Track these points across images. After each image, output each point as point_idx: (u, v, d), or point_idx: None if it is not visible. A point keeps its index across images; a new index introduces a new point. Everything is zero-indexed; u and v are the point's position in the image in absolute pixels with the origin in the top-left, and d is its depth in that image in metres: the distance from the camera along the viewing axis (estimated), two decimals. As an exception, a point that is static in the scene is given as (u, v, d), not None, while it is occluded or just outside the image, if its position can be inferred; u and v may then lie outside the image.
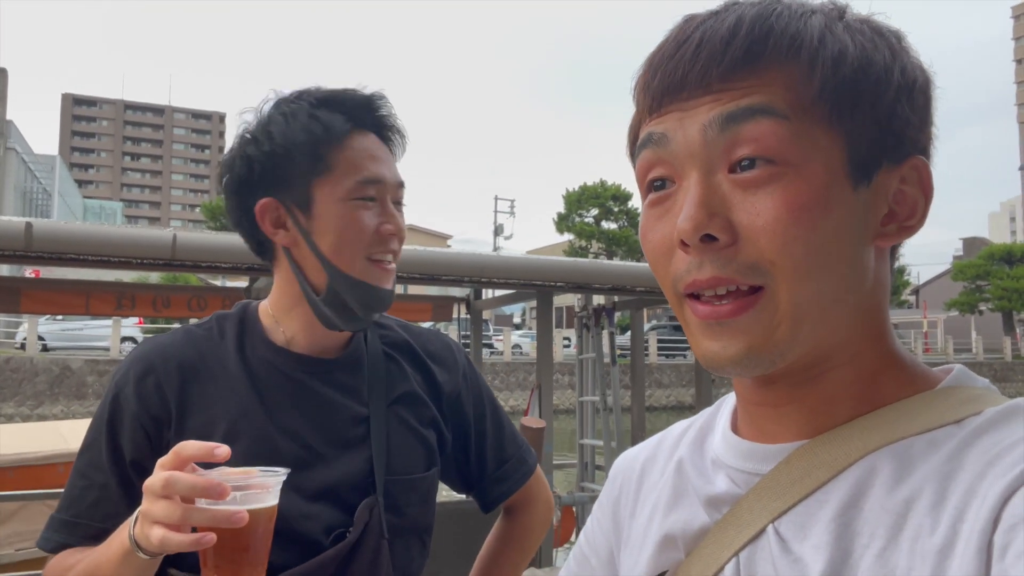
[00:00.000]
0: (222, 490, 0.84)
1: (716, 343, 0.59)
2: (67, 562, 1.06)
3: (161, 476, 0.86)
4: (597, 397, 5.79)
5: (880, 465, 0.57)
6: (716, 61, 0.57)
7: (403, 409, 1.23)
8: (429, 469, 1.24)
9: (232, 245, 3.60)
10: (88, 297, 4.52)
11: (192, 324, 1.22)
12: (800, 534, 0.58)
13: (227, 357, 1.16)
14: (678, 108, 0.59)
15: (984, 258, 38.76)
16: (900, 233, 0.60)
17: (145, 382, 1.12)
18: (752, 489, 0.63)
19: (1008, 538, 0.47)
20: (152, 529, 0.85)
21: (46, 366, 19.24)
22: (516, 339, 28.09)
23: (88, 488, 1.11)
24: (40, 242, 3.11)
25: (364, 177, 1.13)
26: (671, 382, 25.89)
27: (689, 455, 0.72)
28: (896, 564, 0.52)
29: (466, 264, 4.16)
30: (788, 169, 0.56)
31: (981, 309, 38.07)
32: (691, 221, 0.57)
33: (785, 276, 0.56)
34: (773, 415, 0.64)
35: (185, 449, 0.87)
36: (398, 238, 1.17)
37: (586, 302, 5.75)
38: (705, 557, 0.64)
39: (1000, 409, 0.56)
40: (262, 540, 0.90)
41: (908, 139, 0.59)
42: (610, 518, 0.81)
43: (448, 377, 1.30)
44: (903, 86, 0.58)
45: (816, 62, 0.57)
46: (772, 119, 0.56)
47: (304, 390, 1.16)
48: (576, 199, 37.90)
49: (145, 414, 1.10)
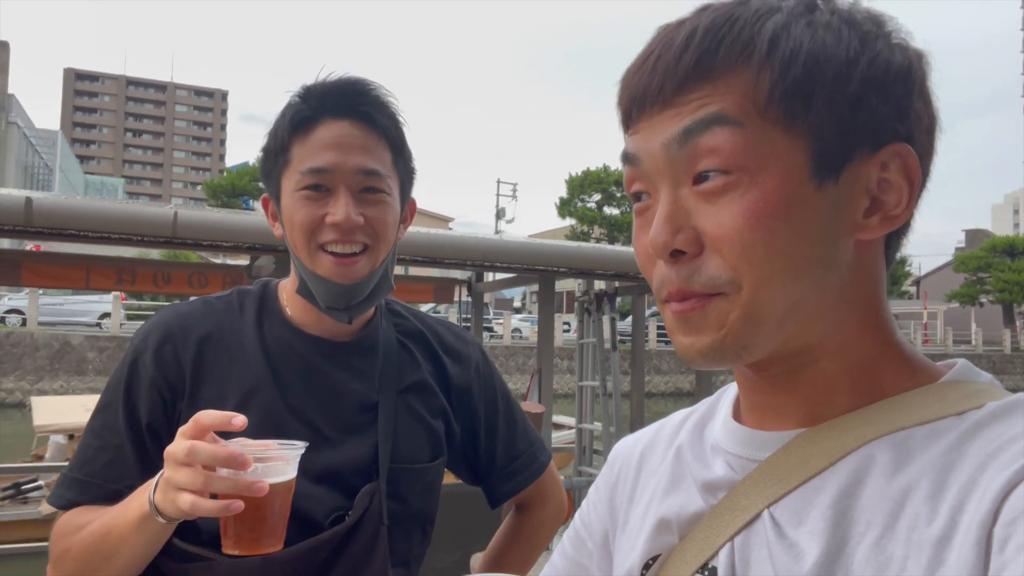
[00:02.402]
0: (244, 460, 0.86)
1: (687, 338, 0.61)
2: (77, 520, 1.07)
3: (184, 444, 0.87)
4: (597, 382, 5.80)
5: (879, 454, 0.57)
6: (671, 75, 0.58)
7: (412, 398, 1.23)
8: (434, 459, 1.24)
9: (233, 223, 3.60)
10: (88, 271, 4.53)
11: (212, 296, 1.22)
12: (796, 520, 0.58)
13: (244, 332, 1.17)
14: (645, 123, 0.61)
15: (986, 250, 38.70)
16: (884, 224, 0.60)
17: (163, 349, 1.13)
18: (749, 475, 0.63)
19: (1008, 531, 0.47)
20: (179, 495, 0.87)
21: (46, 341, 19.29)
22: (516, 323, 28.10)
23: (102, 449, 1.12)
24: (40, 217, 3.10)
25: (309, 167, 1.11)
26: (670, 368, 25.94)
27: (689, 441, 0.72)
28: (892, 552, 0.52)
29: (469, 247, 4.15)
30: (744, 177, 0.56)
31: (982, 301, 38.05)
32: (659, 238, 0.59)
33: (747, 282, 0.57)
34: (772, 404, 0.64)
35: (204, 418, 0.89)
36: (344, 228, 1.10)
37: (587, 287, 5.75)
38: (699, 541, 0.64)
39: (1002, 403, 0.56)
40: (281, 512, 0.92)
41: (883, 129, 0.58)
42: (606, 503, 0.81)
43: (460, 370, 1.30)
44: (871, 77, 0.57)
45: (764, 66, 0.56)
46: (726, 127, 0.56)
47: (316, 371, 1.17)
48: (579, 184, 37.77)
49: (162, 380, 1.11)
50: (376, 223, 1.13)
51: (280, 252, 3.78)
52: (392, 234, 1.17)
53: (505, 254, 4.25)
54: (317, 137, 1.13)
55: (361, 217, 1.11)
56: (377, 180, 1.13)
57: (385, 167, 1.15)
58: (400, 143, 1.18)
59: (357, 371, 1.19)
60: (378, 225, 1.13)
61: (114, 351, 19.62)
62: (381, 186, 1.14)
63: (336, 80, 1.15)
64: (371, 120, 1.14)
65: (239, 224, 3.60)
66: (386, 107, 1.17)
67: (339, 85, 1.15)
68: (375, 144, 1.14)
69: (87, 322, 21.75)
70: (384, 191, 1.14)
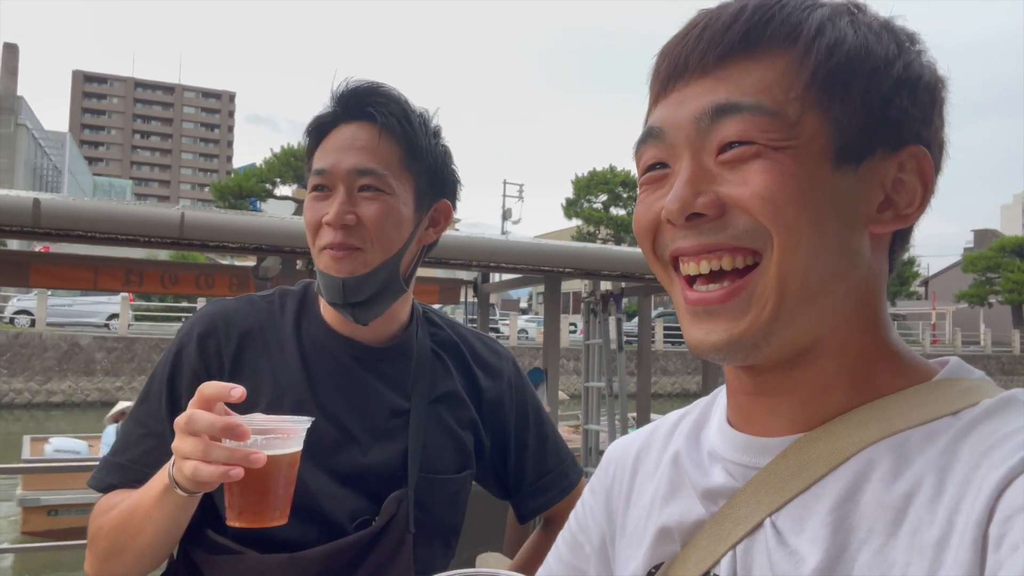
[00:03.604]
0: (242, 431, 0.88)
1: (701, 330, 0.61)
2: (113, 501, 1.10)
3: (185, 414, 0.90)
4: (603, 383, 5.79)
5: (877, 458, 0.57)
6: (715, 44, 0.60)
7: (443, 408, 1.23)
8: (461, 471, 1.24)
9: (240, 224, 3.60)
10: (97, 272, 4.54)
11: (258, 295, 1.26)
12: (797, 527, 0.58)
13: (284, 331, 1.20)
14: (678, 92, 0.62)
15: (995, 250, 38.49)
16: (896, 221, 0.61)
17: (207, 342, 1.17)
18: (749, 482, 0.63)
19: (1003, 529, 0.48)
20: (184, 463, 0.90)
21: (55, 342, 19.36)
22: (522, 324, 28.09)
23: (145, 436, 1.15)
24: (48, 218, 3.11)
25: (314, 169, 1.15)
26: (676, 369, 25.87)
27: (685, 448, 0.72)
28: (895, 559, 0.52)
29: (476, 247, 4.15)
30: (769, 150, 0.58)
31: (991, 301, 37.84)
32: (678, 201, 0.59)
33: (779, 241, 0.57)
34: (765, 406, 0.64)
35: (206, 389, 0.91)
36: (335, 226, 1.11)
37: (594, 288, 5.74)
38: (701, 550, 0.64)
39: (995, 400, 0.56)
40: (284, 486, 0.93)
41: (908, 130, 0.60)
42: (603, 506, 0.81)
43: (492, 383, 1.30)
44: (905, 79, 0.59)
45: (811, 49, 0.58)
46: (759, 115, 0.58)
47: (350, 375, 1.19)
48: (585, 184, 37.71)
49: (203, 371, 1.15)
50: (370, 222, 1.12)
51: (286, 253, 3.78)
52: (396, 234, 1.15)
53: (511, 254, 4.25)
54: (331, 140, 1.16)
55: (352, 216, 1.12)
56: (373, 179, 1.13)
57: (387, 166, 1.14)
58: (413, 142, 1.17)
59: (389, 377, 1.21)
60: (372, 224, 1.12)
61: (122, 352, 19.69)
62: (378, 185, 1.13)
63: (349, 85, 1.17)
64: (374, 119, 1.15)
65: (246, 225, 3.61)
66: (394, 106, 1.17)
67: (349, 89, 1.17)
68: (379, 143, 1.14)
69: (95, 323, 21.84)
70: (382, 190, 1.13)
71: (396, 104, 1.17)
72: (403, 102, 1.18)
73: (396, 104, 1.17)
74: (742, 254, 0.59)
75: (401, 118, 1.16)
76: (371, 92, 1.17)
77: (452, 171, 1.25)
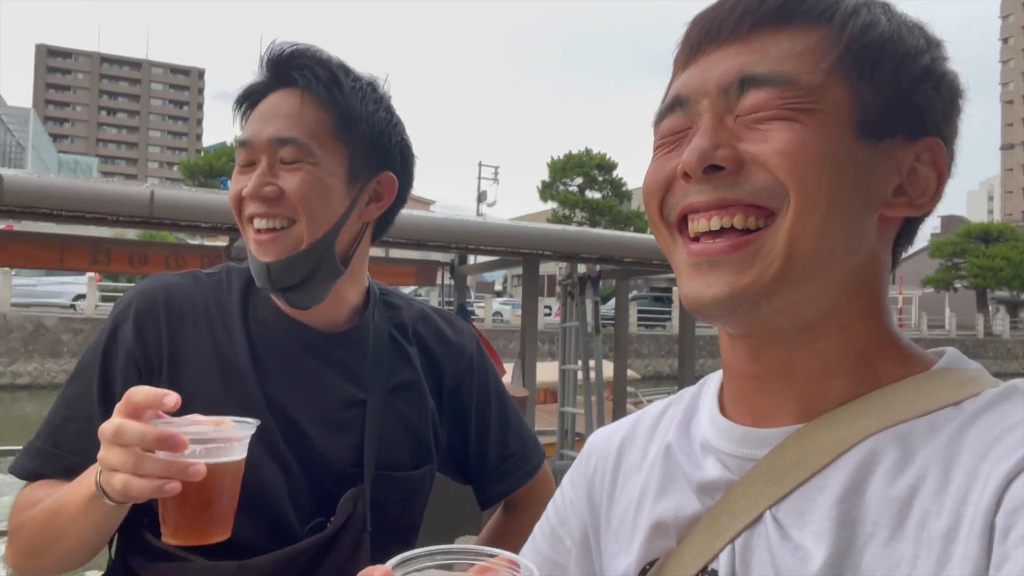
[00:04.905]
0: (177, 442, 0.78)
1: (701, 282, 0.59)
2: (36, 495, 1.01)
3: (112, 423, 0.81)
4: (579, 366, 5.79)
5: (881, 450, 0.56)
6: (751, 12, 0.60)
7: (401, 399, 1.16)
8: (420, 467, 1.17)
9: (211, 203, 3.51)
10: (63, 251, 4.43)
11: (203, 271, 1.16)
12: (799, 520, 0.57)
13: (230, 312, 1.10)
14: (708, 56, 0.62)
15: (961, 236, 39.27)
16: (908, 208, 0.61)
17: (145, 321, 1.06)
18: (747, 474, 0.62)
19: (1010, 520, 0.47)
20: (112, 476, 0.81)
21: (20, 323, 19.00)
22: (497, 306, 28.13)
23: (72, 419, 1.05)
24: (11, 195, 3.00)
25: (238, 142, 1.08)
26: (650, 352, 26.12)
27: (677, 439, 0.70)
28: (903, 553, 0.52)
29: (454, 229, 4.11)
30: (794, 113, 0.58)
31: (956, 286, 38.63)
32: (696, 151, 0.58)
33: (796, 201, 0.57)
34: (765, 391, 0.63)
35: (136, 395, 0.81)
36: (256, 198, 1.04)
37: (571, 270, 5.73)
38: (698, 544, 0.63)
39: (999, 390, 0.56)
40: (227, 497, 0.84)
41: (929, 121, 0.61)
42: (584, 498, 0.79)
43: (454, 366, 1.23)
44: (932, 71, 0.60)
45: (847, 25, 0.59)
46: (788, 89, 0.58)
47: (300, 362, 1.10)
48: (561, 167, 37.78)
49: (140, 352, 1.05)
50: (292, 193, 1.03)
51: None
52: (324, 209, 1.06)
53: (489, 237, 4.21)
54: (259, 110, 1.08)
55: (273, 187, 1.03)
56: (294, 148, 1.04)
57: (310, 134, 1.05)
58: (344, 109, 1.07)
59: (343, 365, 1.12)
60: (294, 195, 1.03)
61: (89, 333, 19.37)
62: (299, 155, 1.04)
63: (274, 49, 1.08)
64: (297, 85, 1.07)
65: (217, 204, 3.52)
66: (320, 70, 1.07)
67: (274, 54, 1.08)
68: (301, 110, 1.06)
69: (61, 303, 21.39)
70: (305, 160, 1.04)
71: (324, 67, 1.07)
72: (333, 65, 1.08)
73: (324, 67, 1.07)
74: (755, 213, 0.58)
75: (329, 82, 1.06)
76: (296, 55, 1.07)
77: (399, 142, 1.14)
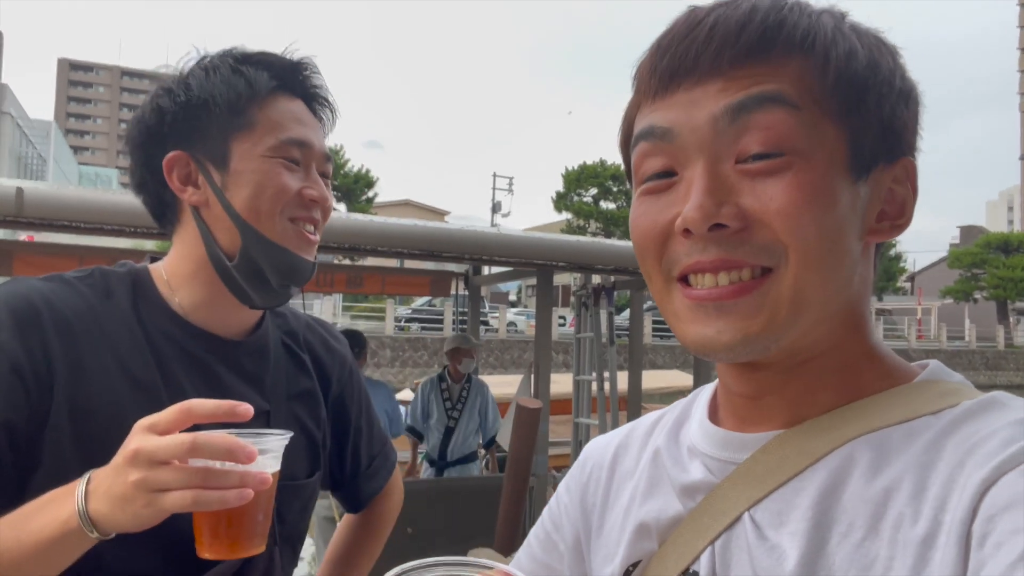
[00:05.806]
0: (250, 452, 0.76)
1: (710, 327, 0.59)
2: None
3: (181, 439, 0.75)
4: (593, 377, 5.77)
5: (858, 454, 0.57)
6: (730, 44, 0.58)
7: (300, 408, 1.15)
8: (312, 475, 1.16)
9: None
10: (81, 262, 4.46)
11: (69, 274, 1.04)
12: (776, 521, 0.58)
13: (120, 320, 1.01)
14: (685, 92, 0.59)
15: (981, 246, 38.91)
16: (892, 231, 0.62)
17: (28, 329, 0.93)
18: (728, 477, 0.63)
19: (987, 528, 0.48)
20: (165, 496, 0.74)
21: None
22: (511, 317, 28.11)
23: None
24: (31, 207, 3.04)
25: (289, 137, 1.05)
26: (665, 363, 25.96)
27: (665, 444, 0.71)
28: (876, 554, 0.52)
29: (468, 240, 4.11)
30: (796, 159, 0.56)
31: (976, 297, 38.21)
32: (700, 211, 0.57)
33: (797, 259, 0.57)
34: (755, 405, 0.64)
35: (199, 408, 0.77)
36: (321, 207, 1.08)
37: (585, 281, 5.72)
38: (680, 546, 0.64)
39: (977, 401, 0.57)
40: (265, 510, 0.84)
41: (904, 141, 0.61)
42: (578, 504, 0.80)
43: (339, 372, 1.25)
44: (903, 91, 0.60)
45: (831, 56, 0.57)
46: (783, 108, 0.56)
47: (205, 371, 1.05)
48: (575, 178, 37.80)
49: (28, 368, 0.91)
50: (327, 209, 1.11)
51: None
52: None
53: (504, 248, 4.21)
54: (283, 108, 1.07)
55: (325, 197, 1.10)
56: (330, 167, 1.13)
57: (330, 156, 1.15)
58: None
59: (248, 374, 1.09)
60: (328, 212, 1.11)
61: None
62: (330, 173, 1.13)
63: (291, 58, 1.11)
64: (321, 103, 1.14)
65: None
66: (328, 93, 1.15)
67: (294, 63, 1.11)
68: (322, 130, 1.14)
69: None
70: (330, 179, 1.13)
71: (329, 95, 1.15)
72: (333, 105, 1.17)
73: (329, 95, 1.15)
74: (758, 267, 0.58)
75: (334, 110, 1.16)
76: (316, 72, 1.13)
77: None
